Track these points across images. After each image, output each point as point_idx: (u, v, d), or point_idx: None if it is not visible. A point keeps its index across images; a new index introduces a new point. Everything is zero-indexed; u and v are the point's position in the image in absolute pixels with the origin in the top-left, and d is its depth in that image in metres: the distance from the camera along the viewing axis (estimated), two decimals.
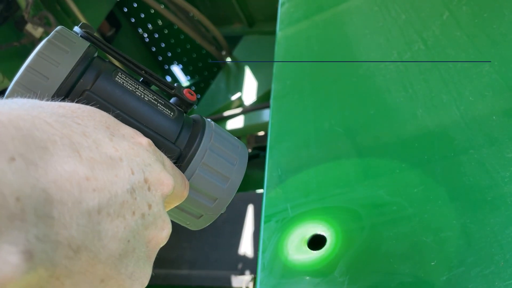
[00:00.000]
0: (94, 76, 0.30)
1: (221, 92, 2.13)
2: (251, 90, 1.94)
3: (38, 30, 1.49)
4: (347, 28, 0.75)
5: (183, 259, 1.47)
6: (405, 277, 0.41)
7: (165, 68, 2.75)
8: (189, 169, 0.32)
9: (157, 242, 0.25)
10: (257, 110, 1.77)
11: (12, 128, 0.19)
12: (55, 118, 0.22)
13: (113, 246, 0.22)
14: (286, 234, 0.50)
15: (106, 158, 0.23)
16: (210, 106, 2.08)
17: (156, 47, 2.68)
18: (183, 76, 2.77)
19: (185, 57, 2.69)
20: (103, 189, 0.22)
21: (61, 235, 0.19)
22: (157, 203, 0.25)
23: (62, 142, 0.21)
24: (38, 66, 0.27)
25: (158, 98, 0.33)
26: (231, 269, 1.37)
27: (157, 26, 2.60)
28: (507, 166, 0.44)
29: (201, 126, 0.34)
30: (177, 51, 2.67)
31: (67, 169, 0.20)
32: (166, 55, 2.70)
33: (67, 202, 0.20)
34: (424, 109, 0.54)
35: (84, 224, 0.20)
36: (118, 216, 0.22)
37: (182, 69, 2.74)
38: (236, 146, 0.36)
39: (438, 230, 0.42)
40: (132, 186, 0.23)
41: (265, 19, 2.22)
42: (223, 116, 1.86)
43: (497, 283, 0.37)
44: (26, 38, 1.49)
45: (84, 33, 0.31)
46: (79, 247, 0.20)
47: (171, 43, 2.65)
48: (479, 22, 0.60)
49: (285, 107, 0.68)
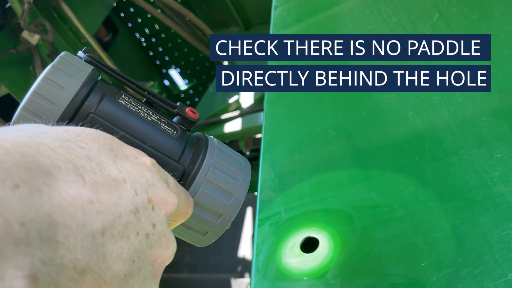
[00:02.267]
0: (98, 99, 0.30)
1: (218, 95, 2.13)
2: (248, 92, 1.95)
3: (35, 37, 1.49)
4: (339, 31, 0.76)
5: (183, 262, 1.47)
6: (396, 278, 0.41)
7: (163, 72, 2.76)
8: (193, 186, 0.33)
9: (162, 260, 0.26)
10: (255, 113, 1.78)
11: (17, 155, 0.19)
12: (59, 143, 0.22)
13: (118, 267, 0.22)
14: (279, 237, 0.51)
15: (109, 180, 0.23)
16: (207, 109, 2.09)
17: (153, 52, 2.69)
18: (181, 80, 2.77)
19: (182, 60, 2.69)
20: (107, 211, 0.22)
21: (66, 258, 0.20)
22: (161, 222, 0.26)
23: (66, 166, 0.21)
24: (44, 91, 0.28)
25: (161, 118, 0.33)
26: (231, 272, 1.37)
27: (154, 31, 2.60)
28: (496, 166, 0.44)
29: (204, 144, 0.35)
30: (175, 55, 2.68)
31: (71, 193, 0.21)
32: (164, 59, 2.71)
33: (71, 225, 0.20)
34: (414, 110, 0.54)
35: (89, 247, 0.21)
36: (122, 237, 0.23)
37: (180, 72, 2.74)
38: (239, 162, 0.36)
39: (429, 231, 0.43)
40: (136, 206, 0.24)
41: (261, 22, 2.23)
42: (221, 119, 1.86)
43: (487, 283, 0.37)
44: (23, 45, 1.50)
45: (87, 57, 0.32)
46: (84, 269, 0.21)
47: (168, 47, 2.66)
48: (469, 23, 0.61)
49: (279, 111, 0.68)
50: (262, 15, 2.20)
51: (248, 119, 1.80)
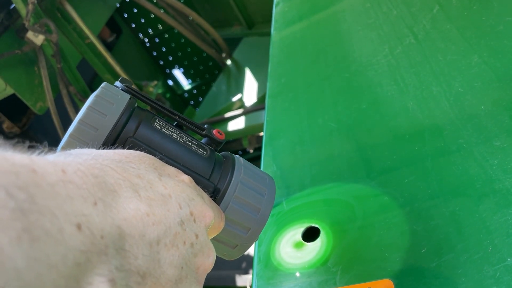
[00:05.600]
0: (136, 124, 0.33)
1: (222, 94, 2.14)
2: (251, 91, 1.95)
3: (39, 37, 1.51)
4: (340, 26, 0.76)
5: None
6: (396, 264, 0.41)
7: (167, 72, 2.77)
8: (224, 202, 0.35)
9: (205, 268, 0.28)
10: (258, 111, 1.78)
11: (91, 176, 0.22)
12: (116, 164, 0.26)
13: (170, 272, 0.25)
14: (281, 228, 0.51)
15: (159, 195, 0.26)
16: (211, 108, 2.09)
17: (157, 52, 2.70)
18: (184, 80, 2.78)
19: (186, 60, 2.70)
20: (160, 222, 0.25)
21: (132, 264, 0.23)
22: (202, 233, 0.28)
23: (125, 184, 0.24)
24: (89, 119, 0.31)
25: (192, 140, 0.36)
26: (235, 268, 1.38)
27: (158, 31, 2.61)
28: (495, 154, 0.44)
29: (231, 162, 0.38)
30: (178, 54, 2.69)
31: (132, 207, 0.24)
32: (167, 59, 2.72)
33: (135, 236, 0.23)
34: (414, 101, 0.55)
35: (148, 254, 0.24)
36: (173, 246, 0.25)
37: (184, 72, 2.75)
38: (264, 178, 0.39)
39: (428, 218, 0.43)
40: (182, 218, 0.27)
41: (264, 21, 2.23)
42: (224, 117, 1.87)
43: (486, 267, 0.38)
44: (28, 45, 1.51)
45: (124, 86, 0.35)
46: (145, 273, 0.23)
47: (171, 47, 2.67)
48: (469, 15, 0.61)
49: (280, 105, 0.69)
50: (264, 14, 2.20)
51: (252, 117, 1.80)
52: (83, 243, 0.20)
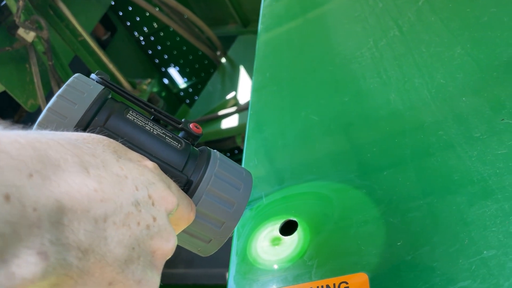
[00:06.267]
0: (108, 114, 0.33)
1: (216, 92, 2.13)
2: (246, 88, 1.94)
3: (30, 34, 1.49)
4: (327, 19, 0.75)
5: (180, 258, 1.47)
6: (372, 257, 0.41)
7: (162, 71, 2.76)
8: (196, 195, 0.35)
9: (163, 252, 0.27)
10: None
11: (30, 148, 0.22)
12: (67, 141, 0.25)
13: (119, 251, 0.24)
14: (259, 221, 0.50)
15: (112, 175, 0.25)
16: (206, 105, 2.08)
17: (152, 50, 2.69)
18: (180, 78, 2.77)
19: (181, 59, 2.69)
20: (109, 200, 0.24)
21: (70, 238, 0.22)
22: (162, 217, 0.27)
23: (73, 160, 0.24)
24: (57, 107, 0.31)
25: (166, 132, 0.36)
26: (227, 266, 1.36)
27: (153, 29, 2.60)
28: (474, 146, 0.43)
29: (207, 156, 0.37)
30: (174, 53, 2.68)
31: (77, 182, 0.23)
32: (163, 58, 2.71)
33: (77, 210, 0.22)
34: (396, 93, 0.54)
35: (91, 230, 0.23)
36: (123, 225, 0.25)
37: (179, 71, 2.74)
38: (241, 172, 0.38)
39: (406, 211, 0.42)
40: (137, 200, 0.26)
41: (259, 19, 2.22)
42: (218, 115, 1.86)
43: (461, 260, 0.37)
44: (19, 42, 1.50)
45: (99, 78, 0.35)
46: (87, 249, 0.23)
47: (167, 46, 2.66)
48: (454, 6, 0.60)
49: (264, 99, 0.68)
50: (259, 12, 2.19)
51: (246, 115, 1.79)
52: (11, 214, 0.19)
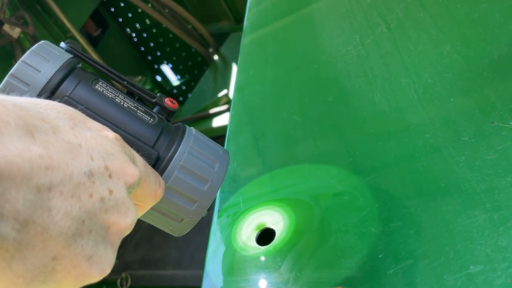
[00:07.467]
0: (75, 84, 0.31)
1: (208, 90, 2.10)
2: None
3: (16, 30, 1.46)
4: (313, 15, 0.72)
5: (168, 259, 1.44)
6: (351, 271, 0.38)
7: (155, 68, 2.72)
8: (168, 171, 0.33)
9: (119, 228, 0.25)
10: None
11: None
12: (14, 102, 0.22)
13: (65, 224, 0.22)
14: (236, 229, 0.47)
15: (63, 142, 0.23)
16: (197, 103, 2.05)
17: (145, 47, 2.65)
18: (173, 75, 2.74)
19: (174, 56, 2.66)
20: (57, 168, 0.22)
21: (5, 208, 0.20)
22: (120, 190, 0.25)
23: (15, 123, 0.21)
24: (20, 74, 0.30)
25: (138, 106, 0.34)
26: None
27: (145, 26, 2.57)
28: (462, 150, 0.41)
29: (181, 132, 0.35)
30: (166, 50, 2.64)
31: (19, 147, 0.20)
32: (156, 55, 2.67)
33: (15, 177, 0.20)
34: (382, 93, 0.51)
35: (32, 199, 0.21)
36: (72, 196, 0.22)
37: (172, 68, 2.71)
38: (217, 150, 0.36)
39: (388, 220, 0.39)
40: (91, 170, 0.23)
41: None
42: (210, 113, 1.83)
43: (446, 276, 0.34)
44: (4, 38, 1.47)
45: (68, 47, 0.33)
46: (26, 220, 0.20)
47: (160, 42, 2.62)
48: (443, 2, 0.57)
49: (246, 98, 0.65)
50: None
51: None
52: None
